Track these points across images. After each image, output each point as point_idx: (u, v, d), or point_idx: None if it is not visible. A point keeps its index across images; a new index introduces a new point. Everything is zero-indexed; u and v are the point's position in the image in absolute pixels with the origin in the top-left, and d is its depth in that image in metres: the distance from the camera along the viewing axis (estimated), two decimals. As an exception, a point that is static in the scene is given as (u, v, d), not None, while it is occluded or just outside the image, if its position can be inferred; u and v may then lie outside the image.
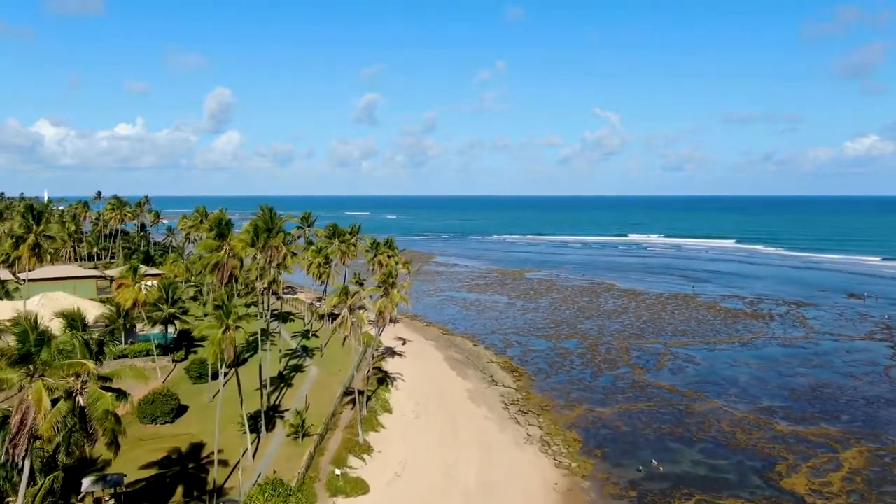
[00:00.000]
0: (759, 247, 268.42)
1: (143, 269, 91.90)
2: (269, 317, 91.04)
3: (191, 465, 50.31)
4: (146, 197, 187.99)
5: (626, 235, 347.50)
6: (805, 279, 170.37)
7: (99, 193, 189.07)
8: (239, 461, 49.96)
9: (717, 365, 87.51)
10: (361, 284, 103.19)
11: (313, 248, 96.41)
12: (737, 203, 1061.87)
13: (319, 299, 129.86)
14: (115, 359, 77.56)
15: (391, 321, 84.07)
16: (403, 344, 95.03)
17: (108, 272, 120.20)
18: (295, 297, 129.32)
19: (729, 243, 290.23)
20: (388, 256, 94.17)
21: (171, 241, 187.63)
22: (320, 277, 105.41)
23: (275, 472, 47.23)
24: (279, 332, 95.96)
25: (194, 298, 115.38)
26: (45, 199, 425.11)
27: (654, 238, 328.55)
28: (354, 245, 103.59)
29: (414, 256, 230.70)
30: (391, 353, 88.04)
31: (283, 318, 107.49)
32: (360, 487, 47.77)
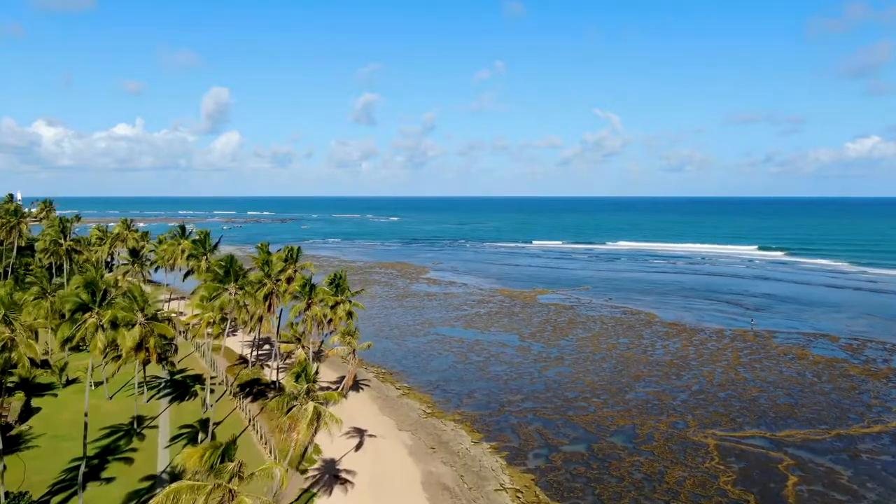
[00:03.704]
0: (824, 260, 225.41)
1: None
2: (146, 392, 55.23)
3: None
4: (47, 200, 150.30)
5: (639, 242, 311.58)
6: (892, 307, 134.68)
7: (10, 196, 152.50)
8: None
9: (885, 494, 51.59)
10: (300, 340, 67.34)
11: (201, 293, 59.91)
12: (743, 205, 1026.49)
13: (260, 345, 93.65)
14: None
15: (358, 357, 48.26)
16: (359, 447, 58.52)
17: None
18: (218, 341, 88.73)
19: (775, 254, 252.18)
20: (333, 306, 56.95)
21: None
22: (246, 326, 69.85)
23: None
24: (157, 426, 59.76)
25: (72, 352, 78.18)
26: (18, 199, 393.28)
27: (672, 247, 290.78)
28: (291, 278, 66.93)
29: (403, 271, 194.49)
30: (332, 478, 51.39)
31: (185, 388, 71.18)
32: None
